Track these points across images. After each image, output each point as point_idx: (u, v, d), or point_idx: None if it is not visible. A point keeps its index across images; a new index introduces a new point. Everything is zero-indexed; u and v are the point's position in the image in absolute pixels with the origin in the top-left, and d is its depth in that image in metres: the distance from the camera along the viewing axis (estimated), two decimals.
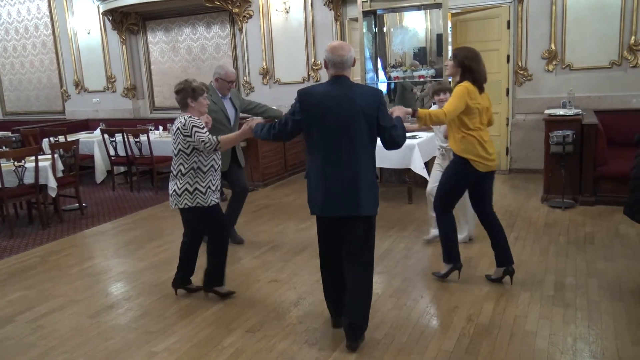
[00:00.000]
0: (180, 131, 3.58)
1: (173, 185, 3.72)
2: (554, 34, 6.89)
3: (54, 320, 3.76)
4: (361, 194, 3.04)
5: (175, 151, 3.66)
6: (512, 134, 7.34)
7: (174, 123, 3.71)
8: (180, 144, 3.61)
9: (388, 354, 3.07)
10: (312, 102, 3.06)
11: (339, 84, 3.06)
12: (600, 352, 2.98)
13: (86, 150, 8.32)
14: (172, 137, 3.67)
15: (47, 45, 10.78)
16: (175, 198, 3.71)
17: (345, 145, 3.03)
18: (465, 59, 3.65)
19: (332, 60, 3.03)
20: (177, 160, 3.68)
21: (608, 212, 5.42)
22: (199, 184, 3.67)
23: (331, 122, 3.01)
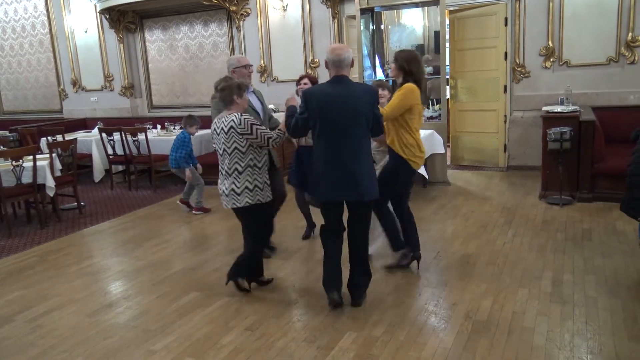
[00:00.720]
0: (235, 130, 3.56)
1: (229, 184, 3.68)
2: (551, 31, 6.90)
3: (53, 320, 3.76)
4: (362, 181, 3.43)
5: (228, 150, 3.62)
6: (509, 131, 7.35)
7: (215, 122, 3.70)
8: (235, 142, 3.59)
9: (386, 351, 3.08)
10: (316, 100, 3.39)
11: (339, 83, 3.41)
12: (598, 348, 2.99)
13: (84, 149, 8.33)
14: (220, 137, 3.64)
15: (44, 44, 10.76)
16: (233, 197, 3.68)
17: (347, 138, 3.39)
18: (407, 61, 3.85)
19: (332, 60, 3.38)
20: (231, 159, 3.65)
21: (605, 209, 5.44)
22: (258, 181, 3.69)
23: (334, 118, 3.37)
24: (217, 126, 3.69)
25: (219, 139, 3.68)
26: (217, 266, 4.57)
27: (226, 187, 3.71)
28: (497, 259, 4.34)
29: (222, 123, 3.63)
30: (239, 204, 3.69)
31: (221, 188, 3.76)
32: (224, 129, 3.61)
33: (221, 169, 3.74)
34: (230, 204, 3.73)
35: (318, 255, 4.65)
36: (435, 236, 5.04)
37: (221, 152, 3.68)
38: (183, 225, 5.98)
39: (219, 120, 3.68)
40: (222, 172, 3.73)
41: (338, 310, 3.60)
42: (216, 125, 3.69)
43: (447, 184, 6.87)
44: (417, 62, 3.88)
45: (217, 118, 3.71)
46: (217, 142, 3.72)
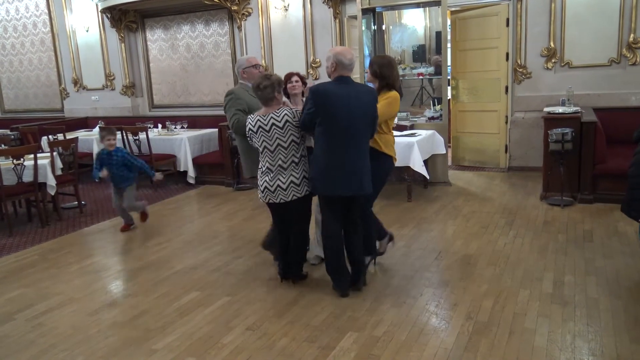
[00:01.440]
0: (291, 123, 3.68)
1: (286, 177, 3.74)
2: (553, 32, 6.89)
3: (54, 318, 3.76)
4: (362, 177, 3.67)
5: (284, 144, 3.70)
6: (511, 132, 7.34)
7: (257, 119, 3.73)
8: (292, 135, 3.70)
9: (387, 351, 3.08)
10: (324, 97, 3.55)
11: (346, 83, 3.62)
12: (599, 350, 2.99)
13: (85, 149, 8.33)
14: (273, 133, 3.68)
15: (45, 43, 10.76)
16: (294, 189, 3.75)
17: (351, 135, 3.58)
18: (379, 66, 3.99)
19: (342, 62, 3.58)
20: (287, 153, 3.72)
21: (607, 210, 5.43)
22: (307, 171, 3.81)
23: (341, 115, 3.54)
24: (263, 123, 3.70)
25: (269, 135, 3.69)
26: (218, 265, 4.57)
27: (282, 181, 3.74)
28: (498, 260, 4.34)
29: (273, 119, 3.68)
30: (299, 194, 3.77)
31: (272, 183, 3.76)
32: (276, 124, 3.67)
33: (270, 165, 3.76)
34: (290, 197, 3.76)
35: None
36: (436, 237, 5.04)
37: (273, 148, 3.71)
38: (184, 224, 5.98)
39: (263, 117, 3.70)
40: (273, 168, 3.75)
41: (340, 310, 3.61)
42: (261, 122, 3.71)
43: (448, 185, 6.87)
44: (390, 67, 4.01)
45: (259, 115, 3.74)
46: (266, 139, 3.71)
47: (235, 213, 6.22)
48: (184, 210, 6.63)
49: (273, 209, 3.98)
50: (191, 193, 7.47)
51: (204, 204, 6.93)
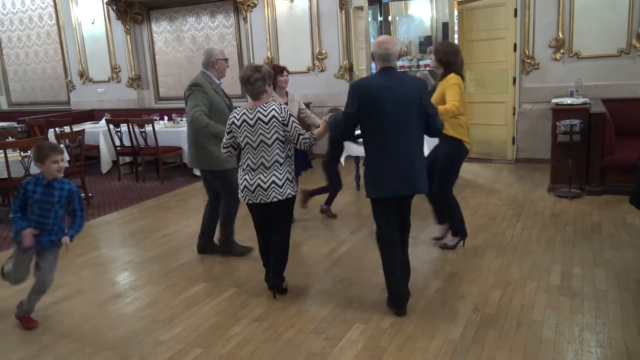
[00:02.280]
0: (277, 119, 3.42)
1: (269, 176, 3.48)
2: (561, 22, 6.82)
3: (62, 310, 3.78)
4: (418, 174, 3.35)
5: (268, 141, 3.43)
6: (518, 124, 7.30)
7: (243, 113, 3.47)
8: (277, 132, 3.44)
9: (394, 342, 3.08)
10: (368, 93, 3.27)
11: (390, 75, 3.32)
12: (607, 342, 2.97)
13: (91, 141, 8.35)
14: (256, 129, 3.42)
15: (51, 36, 10.77)
16: (275, 190, 3.48)
17: (402, 130, 3.28)
18: (445, 54, 4.07)
19: (379, 53, 3.30)
20: (271, 151, 3.46)
21: (615, 202, 5.40)
22: (292, 173, 3.61)
23: (389, 110, 3.24)
24: (248, 117, 3.45)
25: (252, 131, 3.44)
26: (225, 258, 4.57)
27: (263, 181, 3.48)
28: (505, 252, 4.32)
29: (259, 113, 3.42)
30: (281, 196, 3.50)
31: (253, 182, 3.51)
32: (261, 119, 3.41)
33: (251, 162, 3.52)
34: (270, 197, 3.49)
35: (325, 248, 4.66)
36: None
37: (255, 145, 3.46)
38: (191, 216, 5.99)
39: (250, 111, 3.45)
40: (254, 166, 3.50)
41: (347, 302, 3.61)
42: (247, 116, 3.45)
43: None
44: (455, 54, 4.07)
45: (245, 109, 3.48)
46: (249, 134, 3.46)
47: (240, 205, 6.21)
48: (190, 202, 6.64)
49: (252, 211, 3.73)
50: (197, 185, 7.47)
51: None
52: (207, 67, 4.40)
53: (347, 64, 8.30)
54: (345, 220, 5.40)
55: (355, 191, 6.45)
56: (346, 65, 8.31)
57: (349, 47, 8.27)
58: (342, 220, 5.42)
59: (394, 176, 3.29)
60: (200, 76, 4.38)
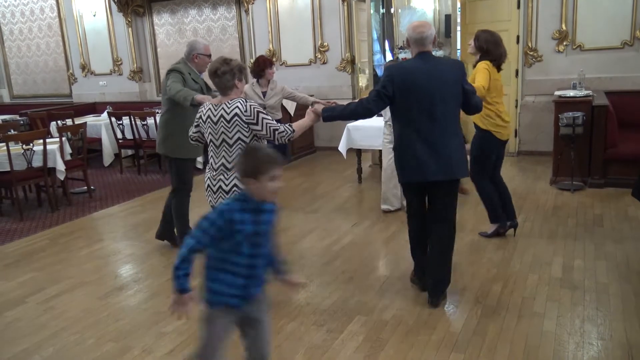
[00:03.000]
0: (240, 118, 3.07)
1: (230, 179, 3.14)
2: (564, 14, 6.78)
3: (65, 302, 3.80)
4: (454, 159, 3.29)
5: (230, 141, 3.12)
6: (521, 116, 7.28)
7: (208, 109, 3.18)
8: (240, 132, 3.09)
9: (396, 335, 3.09)
10: (403, 78, 3.24)
11: (425, 59, 3.30)
12: (609, 334, 2.97)
13: (94, 134, 8.35)
14: (219, 126, 3.13)
15: (52, 28, 10.75)
16: (221, 195, 3.18)
17: (438, 114, 3.24)
18: (485, 42, 4.15)
19: (414, 37, 3.28)
20: (233, 151, 3.13)
21: (617, 195, 5.38)
22: None
23: (425, 94, 3.22)
24: (212, 113, 3.15)
25: (215, 128, 3.14)
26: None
27: (225, 183, 3.17)
28: (507, 245, 4.32)
29: (222, 110, 3.11)
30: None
31: (215, 184, 3.21)
32: (224, 116, 3.10)
33: (213, 162, 3.23)
34: (215, 201, 3.21)
35: (327, 240, 4.66)
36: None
37: (218, 144, 3.17)
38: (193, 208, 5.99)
39: (215, 107, 3.15)
40: (216, 167, 3.21)
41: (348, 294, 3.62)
42: (211, 112, 3.16)
43: None
44: (496, 44, 4.16)
45: (211, 104, 3.20)
46: (212, 132, 3.17)
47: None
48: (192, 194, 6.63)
49: None
50: (199, 178, 7.44)
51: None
52: (188, 59, 4.42)
53: (349, 57, 8.27)
54: (346, 212, 5.40)
55: (357, 184, 6.44)
56: (348, 57, 8.28)
57: (351, 39, 8.23)
58: (343, 212, 5.42)
59: (427, 161, 3.24)
60: (180, 63, 4.41)
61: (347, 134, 5.99)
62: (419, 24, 3.34)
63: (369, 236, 4.75)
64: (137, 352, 3.09)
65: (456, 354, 2.87)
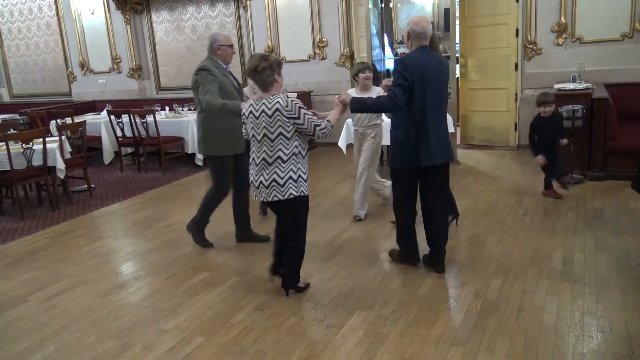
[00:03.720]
0: (281, 113, 3.22)
1: (270, 174, 3.33)
2: (564, 7, 6.76)
3: (66, 300, 3.81)
4: (449, 144, 3.73)
5: (271, 136, 3.27)
6: (520, 110, 7.26)
7: (250, 104, 3.36)
8: (281, 127, 3.25)
9: (396, 329, 3.09)
10: (417, 67, 3.48)
11: (426, 52, 3.57)
12: (608, 327, 2.98)
13: (93, 132, 8.36)
14: (260, 121, 3.29)
15: (51, 27, 10.74)
16: (275, 189, 3.32)
17: (439, 103, 3.62)
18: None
19: (417, 31, 3.52)
20: (274, 146, 3.29)
21: (617, 188, 5.38)
22: (302, 171, 3.37)
23: (431, 85, 3.52)
24: (254, 108, 3.33)
25: (257, 124, 3.31)
26: (227, 246, 4.59)
27: (265, 178, 3.34)
28: (507, 238, 4.32)
29: (264, 105, 3.27)
30: (282, 196, 3.33)
31: (257, 179, 3.40)
32: (265, 112, 3.26)
33: (255, 157, 3.40)
34: (271, 197, 3.35)
35: (327, 236, 4.67)
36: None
37: (259, 139, 3.33)
38: (193, 206, 5.99)
39: (256, 103, 3.32)
40: (257, 161, 3.39)
41: (348, 289, 3.63)
42: (253, 107, 3.33)
43: (457, 164, 6.82)
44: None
45: (253, 101, 3.37)
46: (254, 127, 3.34)
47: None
48: (192, 192, 6.65)
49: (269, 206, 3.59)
50: (199, 175, 7.48)
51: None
52: (211, 52, 4.34)
53: (348, 52, 8.26)
54: (346, 208, 5.39)
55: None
56: (347, 52, 8.26)
57: (350, 34, 8.21)
58: (343, 208, 5.42)
59: (430, 147, 3.54)
60: (206, 61, 4.32)
61: (346, 129, 5.97)
62: (420, 19, 3.59)
63: (369, 232, 4.75)
64: (138, 349, 3.10)
65: (456, 348, 2.87)
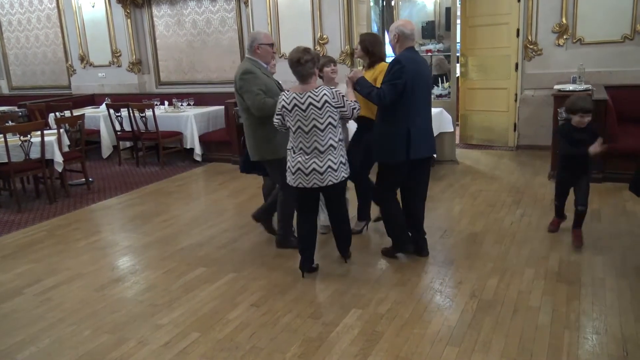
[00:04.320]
0: (329, 103, 3.45)
1: (325, 161, 3.54)
2: (565, 7, 6.74)
3: (62, 293, 3.81)
4: (433, 140, 3.99)
5: (321, 126, 3.47)
6: (520, 110, 7.26)
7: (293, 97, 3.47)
8: (330, 117, 3.48)
9: (391, 328, 3.09)
10: (413, 66, 3.66)
11: (416, 53, 3.81)
12: (604, 329, 2.98)
13: (92, 125, 8.34)
14: (309, 113, 3.45)
15: (51, 19, 10.69)
16: (331, 174, 3.55)
17: (428, 100, 3.89)
18: (370, 44, 4.24)
19: (407, 33, 3.72)
20: (324, 135, 3.50)
21: (615, 189, 5.38)
22: (346, 155, 3.69)
23: (423, 83, 3.75)
24: (299, 101, 3.46)
25: (305, 115, 3.46)
26: (224, 242, 4.59)
27: (319, 165, 3.53)
28: (504, 239, 4.32)
29: (310, 98, 3.44)
30: (336, 180, 3.58)
31: (307, 165, 3.55)
32: (314, 104, 3.44)
33: (304, 147, 3.54)
34: (325, 182, 3.56)
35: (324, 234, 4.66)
36: (442, 215, 5.02)
37: (307, 130, 3.48)
38: (191, 201, 6.01)
39: (300, 95, 3.46)
40: (308, 150, 3.54)
41: (344, 287, 3.62)
42: (297, 100, 3.46)
43: (456, 163, 6.82)
44: (380, 44, 4.37)
45: (295, 93, 3.47)
46: (301, 119, 3.47)
47: (241, 190, 6.22)
48: (190, 187, 6.65)
49: (302, 194, 3.73)
50: (197, 170, 7.48)
51: (210, 181, 6.94)
52: (251, 52, 4.14)
53: (348, 49, 8.23)
54: None
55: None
56: (347, 50, 8.24)
57: (351, 32, 8.19)
58: None
59: (420, 142, 3.74)
60: (247, 63, 4.11)
61: None
62: (407, 21, 3.84)
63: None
64: (133, 343, 3.10)
65: (451, 347, 2.87)
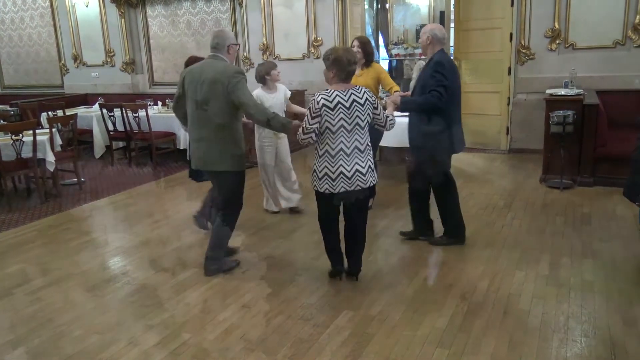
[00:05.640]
0: (370, 102, 3.39)
1: (365, 161, 3.42)
2: (557, 13, 6.79)
3: (52, 293, 3.79)
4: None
5: (362, 124, 3.38)
6: (512, 114, 7.30)
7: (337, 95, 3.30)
8: (368, 115, 3.41)
9: (382, 329, 3.10)
10: (453, 67, 4.00)
11: (446, 54, 4.05)
12: (592, 331, 3.00)
13: (85, 125, 8.31)
14: (353, 111, 3.32)
15: (45, 18, 10.66)
16: (371, 175, 3.45)
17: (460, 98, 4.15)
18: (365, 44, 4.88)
19: (440, 37, 3.97)
20: (364, 134, 3.42)
21: (606, 194, 5.42)
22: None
23: (458, 81, 4.08)
24: (342, 99, 3.30)
25: (349, 113, 3.31)
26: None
27: (361, 166, 3.38)
28: (495, 242, 4.34)
29: (353, 95, 3.33)
30: (374, 180, 3.49)
31: (350, 168, 3.36)
32: (357, 101, 3.34)
33: (344, 147, 3.35)
34: (368, 183, 3.42)
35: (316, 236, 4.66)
36: (433, 218, 5.02)
37: (350, 128, 3.33)
38: (183, 202, 5.99)
39: (342, 93, 3.31)
40: (348, 151, 3.35)
41: (335, 289, 3.63)
42: (341, 98, 3.30)
43: None
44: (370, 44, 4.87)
45: (337, 91, 3.32)
46: (345, 116, 3.30)
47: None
48: (183, 188, 6.63)
49: (332, 200, 3.48)
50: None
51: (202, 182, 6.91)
52: (222, 51, 3.83)
53: None
54: None
55: None
56: None
57: (345, 34, 8.21)
58: None
59: (460, 137, 4.08)
60: (227, 63, 3.83)
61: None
62: (439, 26, 4.13)
63: None
64: (123, 344, 3.09)
65: (441, 350, 2.89)
